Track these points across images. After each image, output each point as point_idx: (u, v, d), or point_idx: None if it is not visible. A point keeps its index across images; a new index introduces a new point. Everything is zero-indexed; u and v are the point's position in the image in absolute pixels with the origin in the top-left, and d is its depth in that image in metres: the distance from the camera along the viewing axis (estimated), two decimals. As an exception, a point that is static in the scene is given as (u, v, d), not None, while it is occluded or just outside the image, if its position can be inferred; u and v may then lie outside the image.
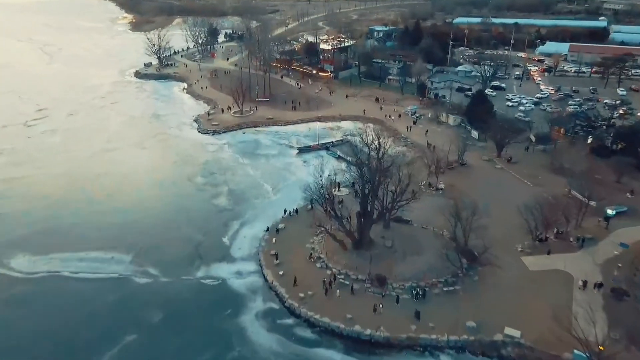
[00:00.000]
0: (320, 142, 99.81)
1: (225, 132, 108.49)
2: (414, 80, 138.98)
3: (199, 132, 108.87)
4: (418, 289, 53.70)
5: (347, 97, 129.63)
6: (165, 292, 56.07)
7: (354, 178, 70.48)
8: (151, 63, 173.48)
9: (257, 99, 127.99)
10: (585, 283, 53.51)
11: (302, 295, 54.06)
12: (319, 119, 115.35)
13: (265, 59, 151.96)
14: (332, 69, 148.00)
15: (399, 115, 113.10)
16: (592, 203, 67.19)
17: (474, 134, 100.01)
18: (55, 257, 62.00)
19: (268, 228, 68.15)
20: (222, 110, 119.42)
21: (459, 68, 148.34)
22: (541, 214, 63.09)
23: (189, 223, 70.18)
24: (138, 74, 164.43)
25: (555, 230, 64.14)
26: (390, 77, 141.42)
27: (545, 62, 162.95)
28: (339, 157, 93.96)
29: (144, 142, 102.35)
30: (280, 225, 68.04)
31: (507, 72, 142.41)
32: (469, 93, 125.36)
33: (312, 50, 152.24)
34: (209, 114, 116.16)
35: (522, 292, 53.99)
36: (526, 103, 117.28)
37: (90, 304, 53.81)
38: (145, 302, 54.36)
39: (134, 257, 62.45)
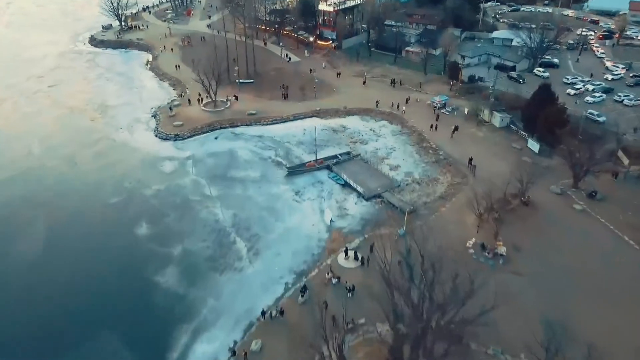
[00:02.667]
0: (320, 156, 72.02)
1: (191, 136, 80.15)
2: (438, 52, 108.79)
3: (155, 136, 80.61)
4: None
5: (363, 83, 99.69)
6: None
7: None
8: (111, 25, 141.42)
9: (237, 81, 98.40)
10: None
11: None
12: (317, 114, 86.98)
13: (251, 21, 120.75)
14: (335, 37, 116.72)
15: (437, 117, 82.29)
16: None
17: (532, 144, 72.08)
18: None
19: (235, 347, 42.45)
20: (190, 101, 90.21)
21: (495, 34, 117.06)
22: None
23: (110, 333, 44.27)
24: (93, 41, 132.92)
25: None
26: (408, 48, 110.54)
27: (601, 23, 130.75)
28: (345, 185, 66.58)
29: (78, 155, 74.51)
30: (255, 344, 42.09)
31: (557, 40, 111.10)
32: (514, 74, 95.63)
33: (308, 11, 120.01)
34: (171, 109, 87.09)
35: None
36: (593, 90, 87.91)
37: None
38: None
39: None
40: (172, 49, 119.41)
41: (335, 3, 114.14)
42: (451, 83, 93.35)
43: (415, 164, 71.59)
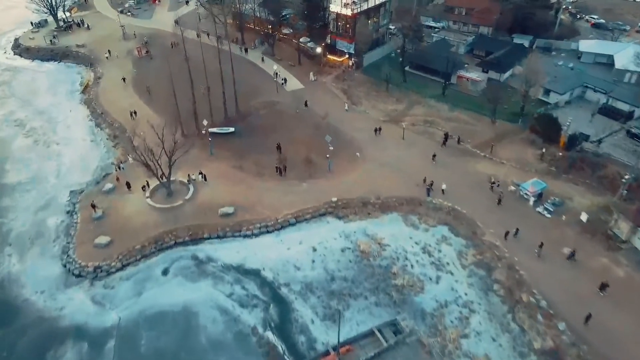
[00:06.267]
0: (345, 329, 39.76)
1: (123, 267, 47.29)
2: (505, 77, 74.69)
3: (64, 266, 47.82)
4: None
5: (377, 131, 65.07)
6: None
7: None
8: (46, 21, 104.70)
9: (208, 132, 64.60)
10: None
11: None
12: (333, 210, 53.80)
13: (234, 17, 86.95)
14: (353, 51, 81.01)
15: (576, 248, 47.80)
16: None
17: None
18: None
19: None
20: (129, 185, 56.27)
21: (582, 46, 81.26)
22: None
23: None
24: (17, 47, 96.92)
25: None
26: (462, 73, 75.19)
27: None
28: None
29: None
30: None
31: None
32: (636, 129, 61.56)
33: (315, 11, 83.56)
34: (95, 207, 53.00)
35: None
36: None
37: None
38: None
39: None
40: (123, 77, 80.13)
41: (353, 1, 77.38)
42: (543, 150, 59.10)
43: (518, 354, 39.26)
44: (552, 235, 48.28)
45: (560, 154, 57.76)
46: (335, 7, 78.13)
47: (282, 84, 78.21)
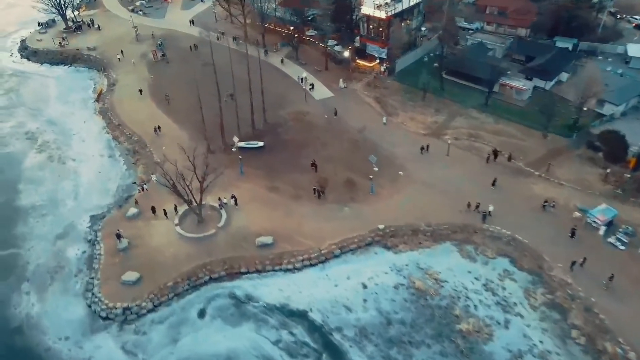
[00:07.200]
0: None
1: (154, 308, 42.58)
2: (550, 85, 69.48)
3: (89, 306, 42.99)
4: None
5: (423, 150, 59.66)
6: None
7: None
8: (54, 21, 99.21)
9: (236, 146, 59.79)
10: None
11: None
12: (381, 239, 48.98)
13: (254, 17, 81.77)
14: (385, 56, 75.63)
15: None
16: None
17: None
18: None
19: None
20: (154, 210, 51.18)
21: (631, 49, 75.73)
22: None
23: None
24: (24, 50, 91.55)
25: None
26: (505, 80, 69.80)
27: None
28: None
29: None
30: None
31: None
32: None
33: (344, 13, 77.97)
34: (120, 237, 47.93)
35: None
36: None
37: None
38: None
39: None
40: (140, 89, 73.12)
41: (386, 3, 71.68)
42: (607, 171, 54.05)
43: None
44: (631, 271, 43.53)
45: (628, 175, 52.70)
46: (367, 9, 72.57)
47: (310, 89, 73.03)
